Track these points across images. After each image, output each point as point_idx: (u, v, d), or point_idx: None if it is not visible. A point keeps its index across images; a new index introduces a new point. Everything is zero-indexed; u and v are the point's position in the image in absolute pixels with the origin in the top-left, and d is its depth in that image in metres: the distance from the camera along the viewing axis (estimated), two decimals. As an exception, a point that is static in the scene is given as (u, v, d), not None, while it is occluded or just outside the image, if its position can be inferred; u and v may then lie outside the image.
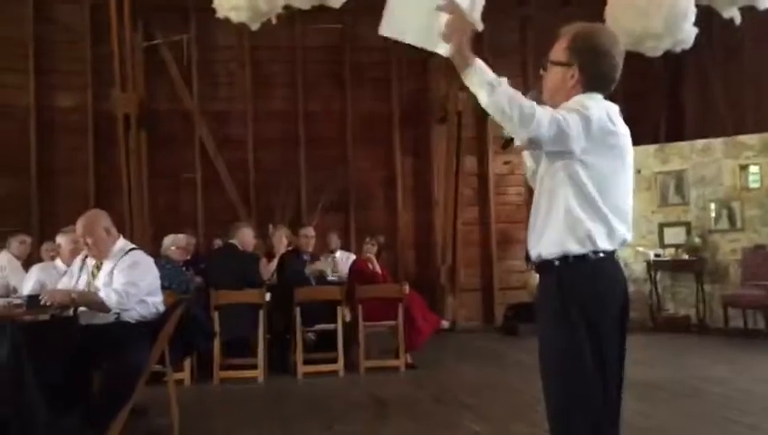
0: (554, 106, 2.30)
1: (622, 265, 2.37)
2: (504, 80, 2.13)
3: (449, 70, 9.74)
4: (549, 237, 2.25)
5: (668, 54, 7.75)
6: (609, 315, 2.24)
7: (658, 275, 9.14)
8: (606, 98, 2.34)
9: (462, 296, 9.96)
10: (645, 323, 9.04)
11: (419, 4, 2.17)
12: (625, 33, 6.83)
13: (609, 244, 2.24)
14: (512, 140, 2.50)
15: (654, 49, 6.95)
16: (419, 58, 10.34)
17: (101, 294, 4.14)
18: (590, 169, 2.21)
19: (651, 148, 9.51)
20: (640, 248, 9.21)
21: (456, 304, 9.86)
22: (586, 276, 2.22)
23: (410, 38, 2.25)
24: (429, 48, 2.23)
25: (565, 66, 2.31)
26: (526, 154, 2.61)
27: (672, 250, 9.12)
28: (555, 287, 2.24)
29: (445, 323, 8.95)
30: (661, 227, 9.30)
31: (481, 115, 10.08)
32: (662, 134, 10.55)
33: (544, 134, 2.10)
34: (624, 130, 2.29)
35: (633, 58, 8.16)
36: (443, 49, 2.18)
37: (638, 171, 9.35)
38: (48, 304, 4.00)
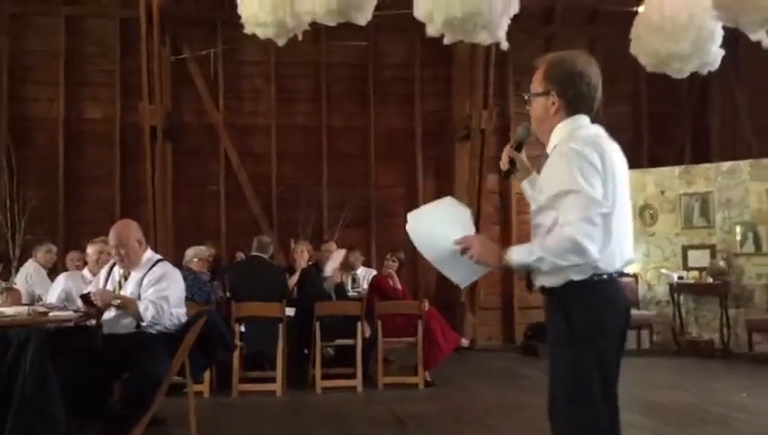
0: (542, 135, 2.42)
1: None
2: (539, 247, 2.21)
3: (473, 88, 9.79)
4: (551, 271, 2.26)
5: (694, 76, 7.71)
6: (612, 337, 2.27)
7: (681, 298, 9.02)
8: (593, 120, 2.39)
9: (482, 315, 9.90)
10: (668, 347, 8.94)
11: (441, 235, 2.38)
12: (651, 55, 6.81)
13: (611, 266, 2.26)
14: (510, 170, 2.58)
15: (680, 71, 6.90)
16: (443, 76, 10.40)
17: (140, 305, 4.21)
18: None
19: (676, 169, 9.43)
20: (663, 270, 9.12)
21: (476, 323, 9.81)
22: (588, 300, 2.24)
23: (428, 254, 2.42)
24: (453, 277, 2.46)
25: (544, 96, 2.37)
26: (525, 184, 2.64)
27: (696, 273, 9.00)
28: (559, 313, 2.28)
29: (464, 342, 8.89)
30: (685, 249, 9.19)
31: (504, 134, 10.09)
32: (687, 156, 10.47)
33: (600, 229, 2.17)
34: (612, 148, 2.32)
35: (658, 79, 8.16)
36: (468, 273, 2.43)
37: (661, 192, 9.31)
38: (96, 301, 4.11)
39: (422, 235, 2.43)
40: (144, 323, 4.21)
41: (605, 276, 2.24)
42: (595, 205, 2.15)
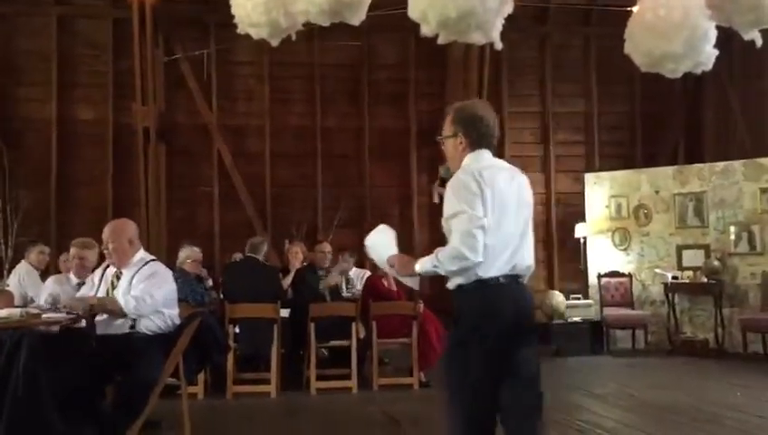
0: (454, 169, 2.86)
1: (526, 288, 2.85)
2: (435, 255, 2.67)
3: (467, 88, 9.78)
4: (450, 276, 2.75)
5: (688, 76, 7.71)
6: (490, 334, 2.65)
7: (676, 298, 9.03)
8: (495, 154, 2.89)
9: (476, 315, 9.90)
10: (662, 347, 8.95)
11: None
12: (644, 55, 6.79)
13: (488, 273, 2.66)
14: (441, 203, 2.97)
15: (674, 71, 6.88)
16: (437, 76, 10.39)
17: (120, 300, 4.19)
18: None
19: (670, 169, 9.45)
20: (658, 270, 9.13)
21: (471, 323, 9.80)
22: (468, 301, 2.71)
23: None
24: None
25: (453, 137, 2.87)
26: None
27: (690, 273, 9.02)
28: (454, 309, 2.76)
29: (459, 342, 8.88)
30: (679, 249, 9.21)
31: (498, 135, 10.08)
32: (681, 155, 10.50)
33: (480, 240, 2.60)
34: (502, 177, 2.78)
35: (652, 80, 8.16)
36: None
37: (656, 192, 9.32)
38: (66, 311, 4.08)
39: (378, 260, 3.02)
40: (132, 316, 4.19)
41: (490, 282, 2.66)
42: (475, 220, 2.60)
